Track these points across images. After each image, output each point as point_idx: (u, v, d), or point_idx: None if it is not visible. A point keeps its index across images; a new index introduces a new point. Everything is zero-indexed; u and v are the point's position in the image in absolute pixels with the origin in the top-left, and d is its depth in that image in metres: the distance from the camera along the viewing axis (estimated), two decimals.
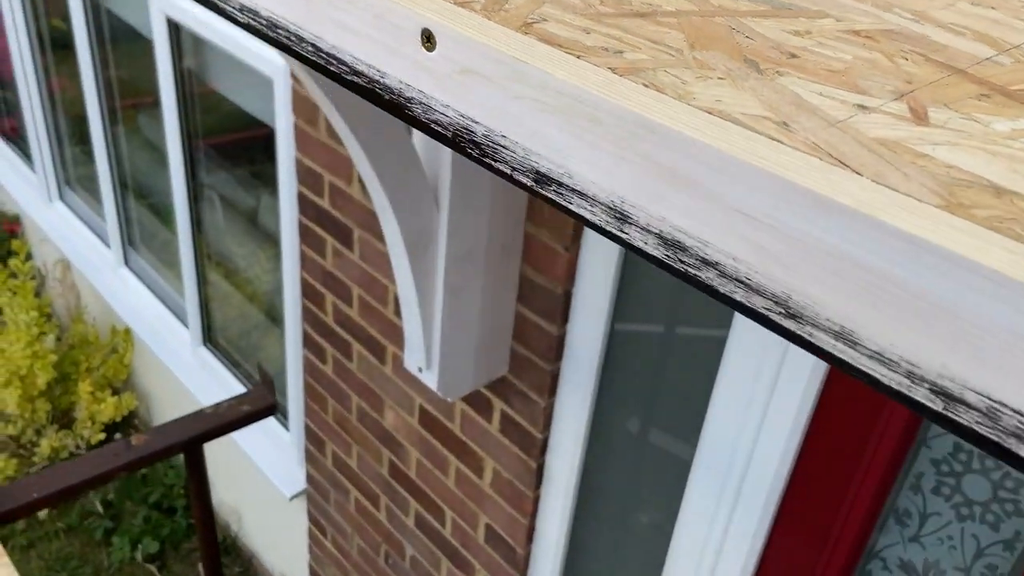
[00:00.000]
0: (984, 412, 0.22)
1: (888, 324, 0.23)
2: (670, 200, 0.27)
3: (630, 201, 0.28)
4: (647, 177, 0.27)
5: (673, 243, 0.27)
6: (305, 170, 1.71)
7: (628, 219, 0.28)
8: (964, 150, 0.26)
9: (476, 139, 0.32)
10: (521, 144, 0.30)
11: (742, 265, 0.26)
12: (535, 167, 0.30)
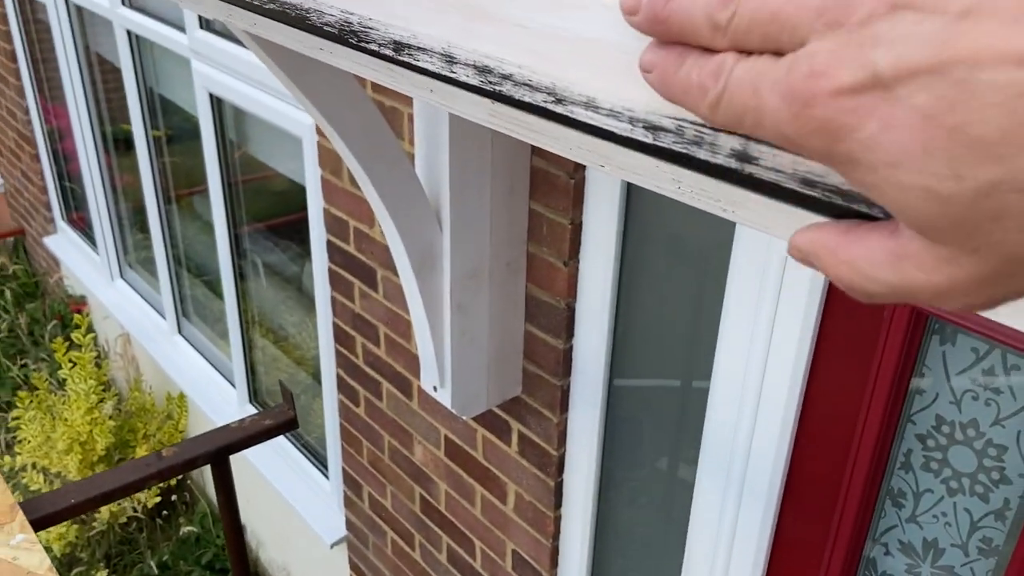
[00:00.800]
0: (675, 131, 0.28)
1: (616, 82, 0.30)
2: (478, 33, 0.35)
3: (455, 43, 0.36)
4: (463, 19, 0.35)
5: (483, 68, 0.35)
6: (332, 218, 1.83)
7: (455, 59, 0.36)
8: None
9: (354, 28, 0.40)
10: (382, 21, 0.39)
11: (525, 70, 0.33)
12: (393, 38, 0.38)
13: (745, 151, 0.27)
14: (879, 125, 0.21)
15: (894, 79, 0.20)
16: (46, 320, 3.85)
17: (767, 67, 0.23)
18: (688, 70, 0.25)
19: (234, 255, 2.52)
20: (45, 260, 4.04)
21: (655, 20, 0.26)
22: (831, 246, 0.25)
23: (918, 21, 0.20)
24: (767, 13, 0.23)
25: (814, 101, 0.22)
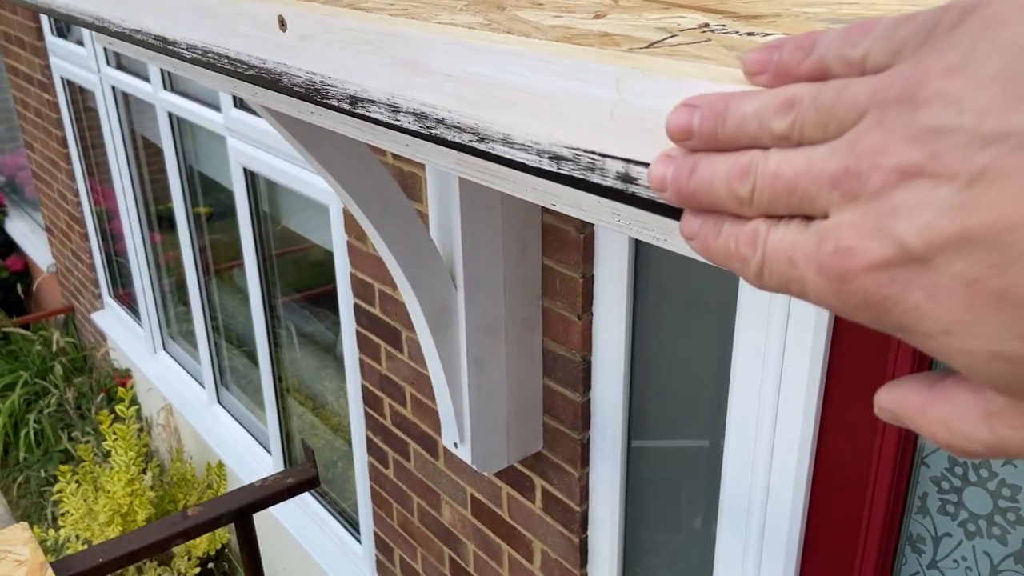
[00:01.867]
0: (585, 166, 0.31)
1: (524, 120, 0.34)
2: (414, 83, 0.39)
3: (397, 93, 0.40)
4: (400, 71, 0.39)
5: (420, 115, 0.39)
6: (358, 282, 1.89)
7: (398, 108, 0.40)
8: (610, 23, 0.37)
9: (317, 87, 0.45)
10: (338, 78, 0.43)
11: (453, 113, 0.37)
12: (348, 93, 0.43)
13: (627, 173, 0.30)
14: (923, 295, 0.21)
15: (925, 250, 0.20)
16: (93, 394, 3.96)
17: (798, 237, 0.23)
18: (726, 238, 0.25)
19: (269, 325, 2.58)
20: (93, 335, 4.18)
21: (683, 195, 0.26)
22: (918, 404, 0.24)
23: (932, 188, 0.20)
24: (784, 186, 0.23)
25: (849, 277, 0.22)
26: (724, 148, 0.25)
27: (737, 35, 0.33)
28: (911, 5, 0.39)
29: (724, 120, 0.25)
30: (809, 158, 0.23)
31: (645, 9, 0.41)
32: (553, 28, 0.37)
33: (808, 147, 0.23)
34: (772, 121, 0.24)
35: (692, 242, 0.27)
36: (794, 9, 0.39)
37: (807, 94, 0.23)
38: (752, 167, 0.24)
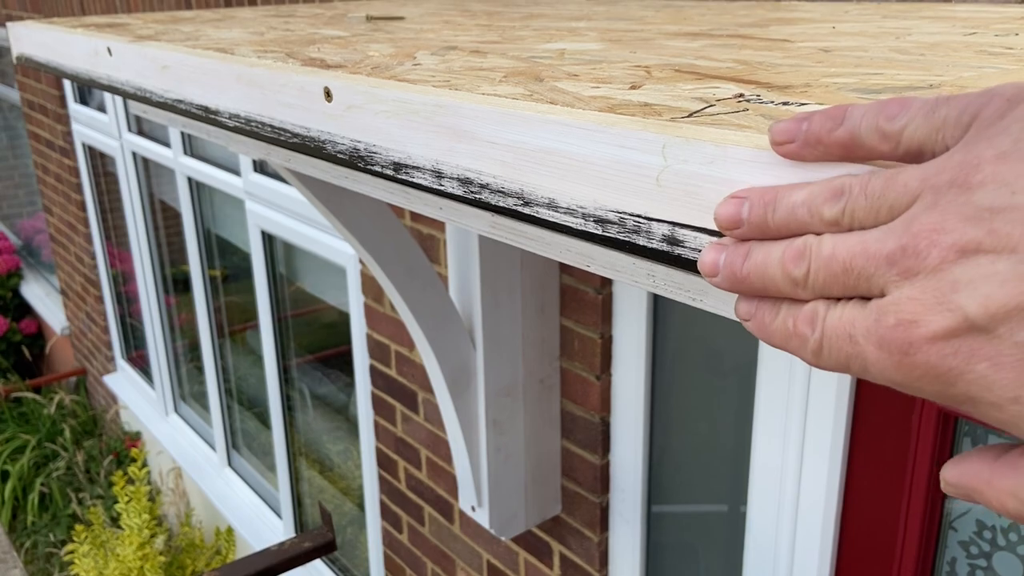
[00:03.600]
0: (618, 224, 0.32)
1: (569, 185, 0.35)
2: (459, 150, 0.40)
3: (441, 161, 0.41)
4: (445, 139, 0.41)
5: (464, 180, 0.40)
6: (374, 343, 1.90)
7: (442, 174, 0.41)
8: (647, 93, 0.39)
9: (361, 154, 0.47)
10: (383, 146, 0.45)
11: (499, 179, 0.38)
12: (392, 160, 0.44)
13: (672, 235, 0.31)
14: (988, 365, 0.21)
15: (988, 320, 0.21)
16: (102, 456, 3.94)
17: (856, 314, 0.23)
18: (784, 319, 0.26)
19: (283, 387, 2.58)
20: (104, 397, 4.18)
21: (735, 280, 0.27)
22: (985, 477, 0.24)
23: (991, 261, 0.21)
24: (840, 266, 0.24)
25: (912, 349, 0.22)
26: (774, 236, 0.26)
27: (772, 104, 0.35)
28: (935, 75, 0.41)
29: (774, 209, 0.26)
30: (863, 240, 0.23)
31: (679, 80, 0.43)
32: (594, 99, 0.38)
33: (860, 231, 0.24)
34: (822, 208, 0.25)
35: (749, 323, 0.27)
36: (823, 79, 0.41)
37: (856, 182, 0.24)
38: (806, 250, 0.25)
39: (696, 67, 0.47)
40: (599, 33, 0.69)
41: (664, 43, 0.60)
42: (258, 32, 0.76)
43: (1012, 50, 0.48)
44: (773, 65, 0.46)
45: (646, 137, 0.31)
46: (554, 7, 1.05)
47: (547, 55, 0.55)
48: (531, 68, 0.49)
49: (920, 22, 0.67)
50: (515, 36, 0.69)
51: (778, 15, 0.80)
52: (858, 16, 0.74)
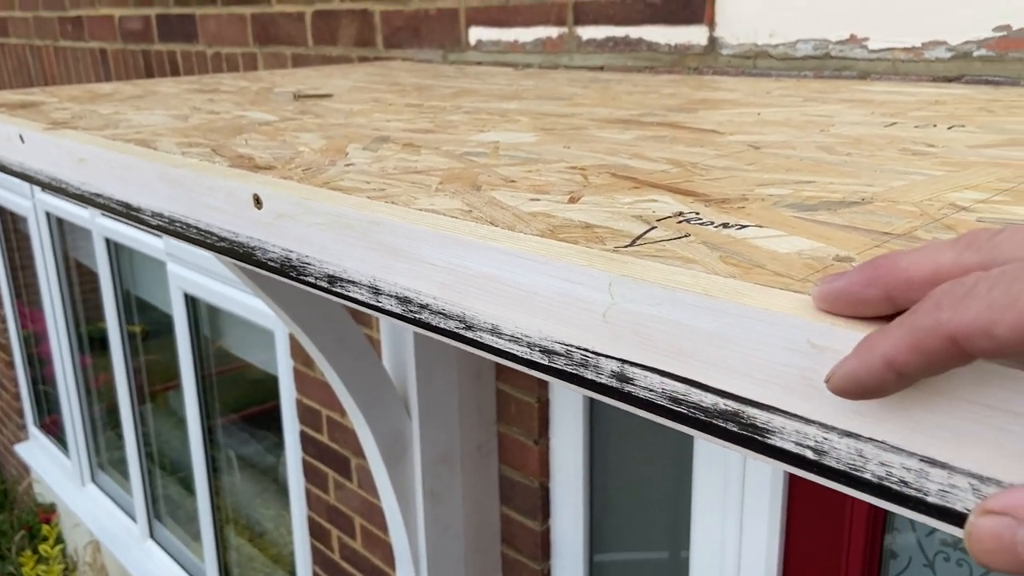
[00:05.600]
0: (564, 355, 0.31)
1: (513, 312, 0.34)
2: (397, 268, 0.39)
3: (379, 277, 0.40)
4: (382, 256, 0.39)
5: (403, 299, 0.39)
6: (305, 409, 1.84)
7: (379, 291, 0.40)
8: (586, 209, 0.39)
9: (293, 264, 0.45)
10: (317, 258, 0.43)
11: (439, 300, 0.37)
12: (327, 272, 0.43)
13: (622, 372, 0.30)
14: None
15: None
16: (13, 531, 3.70)
17: None
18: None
19: (208, 449, 2.48)
20: (16, 468, 3.94)
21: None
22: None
23: None
24: None
25: None
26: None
27: (713, 227, 0.35)
28: (865, 184, 0.42)
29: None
30: None
31: (617, 189, 0.43)
32: (534, 217, 0.38)
33: None
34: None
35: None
36: (758, 190, 0.41)
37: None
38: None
39: (632, 171, 0.47)
40: (531, 119, 0.69)
41: (596, 134, 0.61)
42: (182, 115, 0.74)
43: (934, 148, 0.50)
44: (707, 168, 0.47)
45: (592, 273, 0.30)
46: (483, 80, 1.05)
47: (481, 150, 0.55)
48: (467, 171, 0.48)
49: (840, 107, 0.69)
50: (447, 122, 0.69)
51: (703, 95, 0.81)
52: (780, 98, 0.77)
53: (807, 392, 0.25)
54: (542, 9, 1.18)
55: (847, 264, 0.30)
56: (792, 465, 0.26)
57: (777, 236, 0.33)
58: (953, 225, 0.34)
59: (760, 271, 0.29)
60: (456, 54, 1.31)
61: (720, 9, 1.00)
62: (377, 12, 1.41)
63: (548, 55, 1.19)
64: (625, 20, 1.09)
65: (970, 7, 0.82)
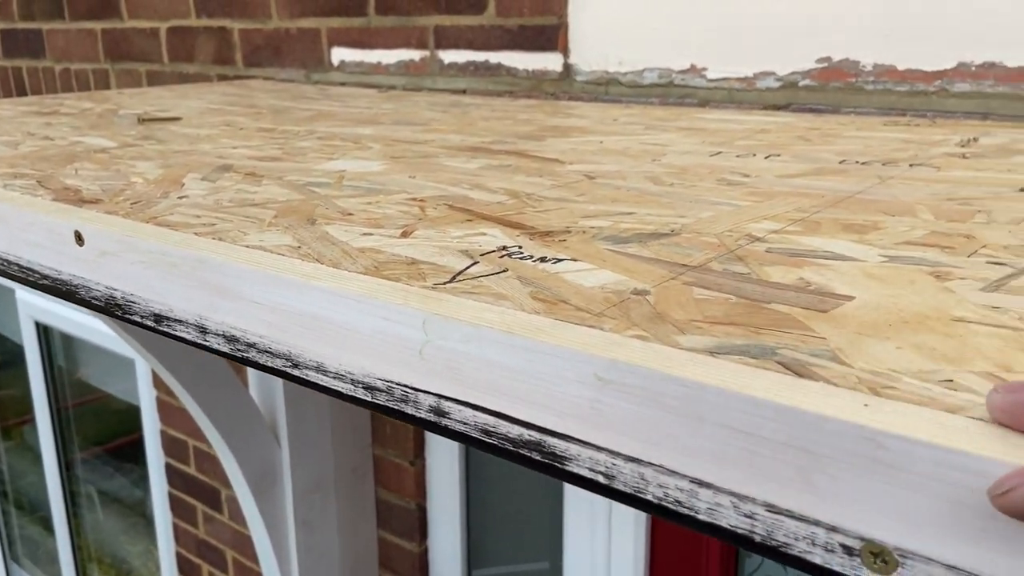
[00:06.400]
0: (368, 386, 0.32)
1: (337, 350, 0.34)
2: (223, 307, 0.38)
3: (205, 316, 0.39)
4: (208, 295, 0.39)
5: (231, 338, 0.39)
6: (170, 440, 1.76)
7: (207, 330, 0.40)
8: (416, 244, 0.40)
9: (118, 302, 0.43)
10: (142, 296, 0.42)
11: (265, 339, 0.37)
12: (153, 311, 0.42)
13: (439, 407, 0.31)
14: None
15: None
16: None
17: None
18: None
19: (66, 485, 2.33)
20: None
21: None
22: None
23: None
24: None
25: None
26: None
27: (531, 261, 0.37)
28: (678, 216, 0.44)
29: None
30: None
31: (451, 222, 0.44)
32: (362, 252, 0.38)
33: None
34: None
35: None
36: (582, 222, 0.43)
37: None
38: None
39: (469, 202, 0.48)
40: (383, 146, 0.70)
41: (445, 162, 0.62)
42: (12, 142, 0.70)
43: (748, 178, 0.54)
44: (541, 199, 0.49)
45: (407, 312, 0.31)
46: (343, 103, 1.05)
47: (326, 180, 0.55)
48: (305, 203, 0.48)
49: (676, 136, 0.73)
50: (297, 149, 0.68)
51: (555, 121, 0.84)
52: (625, 126, 0.80)
53: (597, 421, 0.27)
54: (404, 32, 1.19)
55: (645, 297, 0.32)
56: (589, 489, 0.28)
57: (587, 270, 0.35)
58: (744, 256, 0.37)
59: (564, 306, 0.31)
60: (319, 74, 1.30)
61: (573, 38, 1.04)
62: (236, 30, 1.38)
63: (412, 77, 1.20)
64: (485, 45, 1.11)
65: (795, 40, 0.89)
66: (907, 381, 0.24)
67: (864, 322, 0.29)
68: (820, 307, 0.30)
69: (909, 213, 0.44)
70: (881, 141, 0.67)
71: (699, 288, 0.33)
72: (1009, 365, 0.25)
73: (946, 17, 0.80)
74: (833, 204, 0.46)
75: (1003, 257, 0.36)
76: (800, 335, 0.28)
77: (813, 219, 0.43)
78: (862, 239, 0.39)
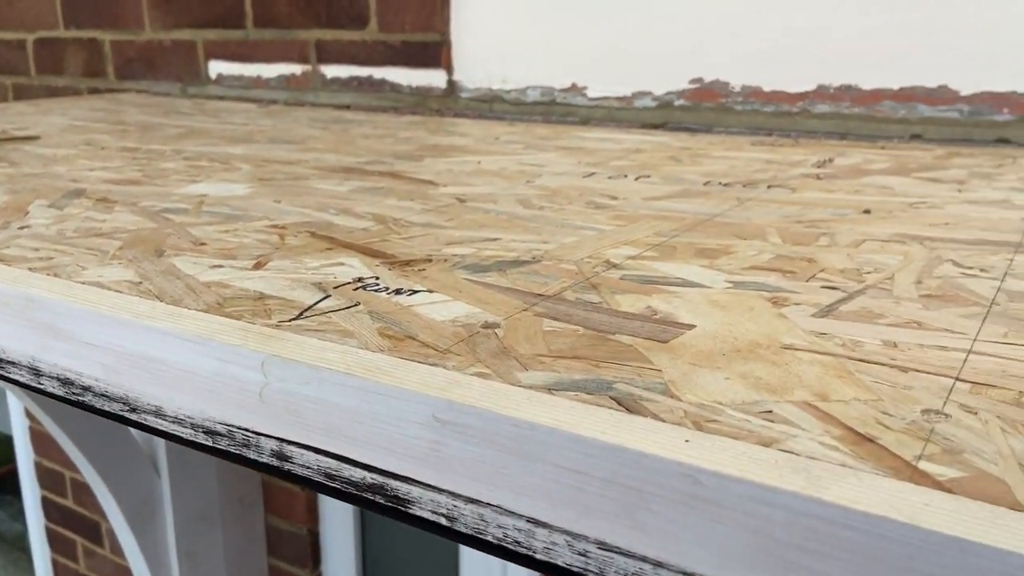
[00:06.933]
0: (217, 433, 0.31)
1: (176, 393, 0.33)
2: (56, 348, 0.36)
3: (38, 358, 0.37)
4: (40, 335, 0.37)
5: (65, 380, 0.36)
6: (45, 471, 1.66)
7: (40, 372, 0.37)
8: (268, 277, 0.38)
9: None
10: None
11: (101, 381, 0.35)
12: None
13: (281, 451, 0.30)
14: None
15: None
16: None
17: None
18: None
19: None
20: None
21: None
22: None
23: None
24: None
25: None
26: None
27: (385, 294, 0.36)
28: (543, 241, 0.45)
29: None
30: None
31: (308, 251, 0.43)
32: (208, 287, 0.37)
33: None
34: None
35: None
36: (445, 250, 0.43)
37: None
38: None
39: (333, 229, 0.47)
40: (253, 166, 0.68)
41: (315, 184, 0.60)
42: None
43: (616, 200, 0.55)
44: (407, 225, 0.48)
45: (246, 353, 0.30)
46: (219, 118, 1.02)
47: (183, 206, 0.53)
48: (157, 233, 0.46)
49: (554, 155, 0.74)
50: (159, 171, 0.65)
51: (436, 140, 0.84)
52: (505, 144, 0.81)
53: (436, 463, 0.26)
54: (284, 46, 1.16)
55: (495, 330, 0.32)
56: (433, 532, 0.27)
57: (442, 302, 0.35)
58: (598, 284, 0.37)
59: (410, 343, 0.30)
60: (196, 88, 1.26)
61: (457, 55, 1.04)
62: (107, 42, 1.32)
63: (294, 92, 1.17)
64: (368, 61, 1.10)
65: (670, 62, 0.91)
66: (730, 413, 0.24)
67: (700, 352, 0.29)
68: (661, 337, 0.31)
69: (760, 236, 0.45)
70: (746, 162, 0.70)
71: (549, 320, 0.33)
72: (826, 393, 0.26)
73: (807, 42, 0.84)
74: (691, 227, 0.47)
75: (837, 281, 0.37)
76: (638, 367, 0.28)
77: (670, 243, 0.44)
78: (712, 264, 0.40)
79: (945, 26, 0.77)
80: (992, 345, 0.30)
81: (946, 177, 0.62)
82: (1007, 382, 0.27)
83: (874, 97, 0.82)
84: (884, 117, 0.81)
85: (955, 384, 0.27)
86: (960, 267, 0.39)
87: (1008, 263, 0.40)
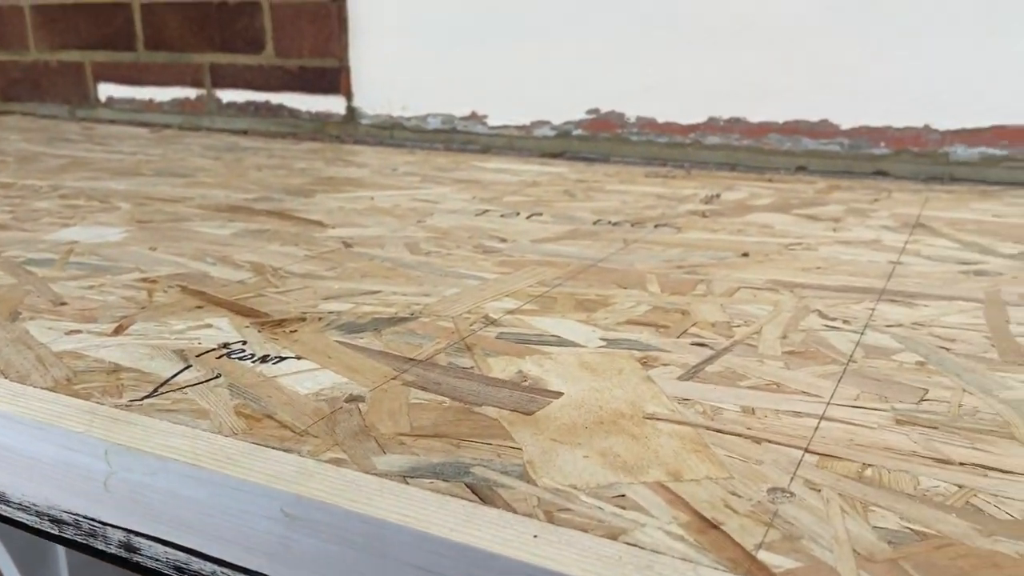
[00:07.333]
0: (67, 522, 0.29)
1: (20, 480, 0.31)
2: None
3: None
4: None
5: None
6: None
7: None
8: (127, 343, 0.36)
9: None
10: None
11: None
12: None
13: (129, 542, 0.29)
14: None
15: None
16: None
17: None
18: None
19: None
20: None
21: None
22: None
23: None
24: None
25: None
26: None
27: (250, 362, 0.35)
28: (424, 294, 0.44)
29: None
30: None
31: (176, 310, 0.41)
32: (60, 359, 0.35)
33: None
34: None
35: None
36: (321, 306, 0.42)
37: None
38: None
39: (207, 282, 0.46)
40: (132, 206, 0.65)
41: (196, 228, 0.58)
42: None
43: (504, 243, 0.55)
44: (286, 277, 0.47)
45: (89, 441, 0.28)
46: (107, 146, 0.97)
47: (50, 256, 0.50)
48: (15, 289, 0.43)
49: (450, 190, 0.73)
50: (30, 213, 0.62)
51: (332, 171, 0.82)
52: (402, 176, 0.80)
53: (287, 559, 0.25)
54: (177, 69, 1.12)
55: (359, 404, 0.31)
56: None
57: (308, 371, 0.34)
58: (473, 345, 0.37)
59: (268, 423, 0.29)
60: (85, 111, 1.20)
61: (356, 81, 1.03)
62: None
63: (188, 116, 1.14)
64: (265, 86, 1.07)
65: (568, 91, 0.92)
66: (583, 500, 0.24)
67: (562, 425, 0.29)
68: (527, 408, 0.31)
69: (639, 285, 0.46)
70: (637, 196, 0.71)
71: (417, 389, 0.32)
72: (680, 472, 0.26)
73: (697, 75, 0.86)
74: (575, 275, 0.48)
75: (707, 336, 0.38)
76: (498, 447, 0.28)
77: (551, 294, 0.44)
78: (589, 318, 0.40)
79: (826, 63, 0.80)
80: (843, 409, 0.31)
81: (824, 214, 0.64)
82: (852, 453, 0.28)
83: (761, 130, 0.84)
84: (771, 149, 0.84)
85: (803, 456, 0.27)
86: (825, 318, 0.41)
87: (870, 313, 0.41)
